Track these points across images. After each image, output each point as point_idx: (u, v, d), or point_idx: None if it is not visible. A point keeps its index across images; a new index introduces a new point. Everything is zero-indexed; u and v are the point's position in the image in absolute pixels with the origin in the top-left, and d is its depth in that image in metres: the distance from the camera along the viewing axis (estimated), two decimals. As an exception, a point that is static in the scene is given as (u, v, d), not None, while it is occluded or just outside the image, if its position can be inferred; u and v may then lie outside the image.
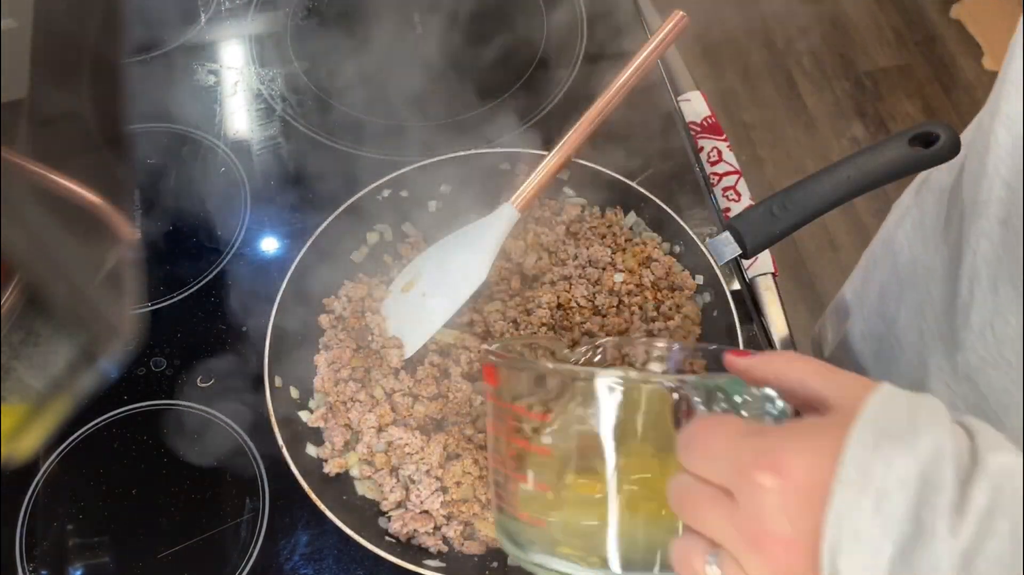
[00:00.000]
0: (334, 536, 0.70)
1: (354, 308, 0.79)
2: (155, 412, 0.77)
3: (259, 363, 0.73)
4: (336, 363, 0.76)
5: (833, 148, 2.09)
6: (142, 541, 0.72)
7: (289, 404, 0.74)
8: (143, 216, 0.87)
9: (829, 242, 1.86)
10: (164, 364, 0.79)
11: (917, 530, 0.34)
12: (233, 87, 0.96)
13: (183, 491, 0.74)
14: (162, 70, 0.97)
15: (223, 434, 0.76)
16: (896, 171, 0.67)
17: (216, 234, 0.86)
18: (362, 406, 0.74)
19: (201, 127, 0.93)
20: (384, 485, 0.71)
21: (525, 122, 0.92)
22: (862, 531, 0.35)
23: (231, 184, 0.89)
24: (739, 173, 0.93)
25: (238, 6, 1.02)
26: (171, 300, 0.82)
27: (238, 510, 0.73)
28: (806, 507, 0.37)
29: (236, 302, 0.81)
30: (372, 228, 0.83)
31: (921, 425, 0.36)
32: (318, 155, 0.91)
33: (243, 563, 0.70)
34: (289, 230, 0.86)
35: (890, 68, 2.20)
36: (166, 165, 0.90)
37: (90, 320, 0.39)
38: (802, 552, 0.37)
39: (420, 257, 0.80)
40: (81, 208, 0.40)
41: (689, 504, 0.41)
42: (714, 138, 0.95)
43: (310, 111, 0.94)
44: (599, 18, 1.01)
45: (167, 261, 0.84)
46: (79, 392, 0.40)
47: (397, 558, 0.66)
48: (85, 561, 0.71)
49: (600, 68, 0.97)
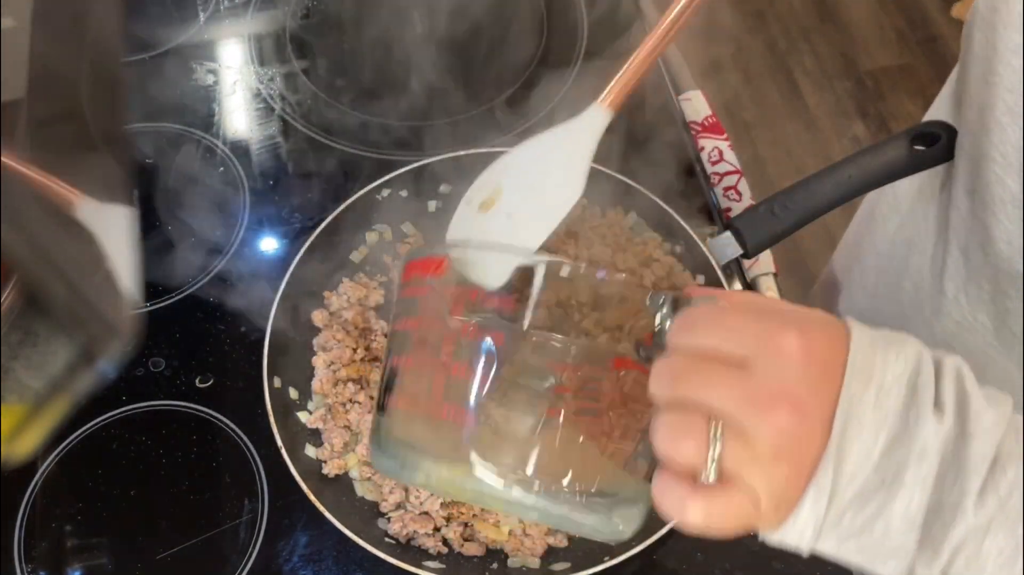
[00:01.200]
0: (333, 537, 0.70)
1: (355, 308, 0.79)
2: (154, 413, 0.77)
3: (258, 364, 0.72)
4: (335, 364, 0.75)
5: (834, 148, 2.08)
6: (141, 542, 0.71)
7: (288, 405, 0.73)
8: (142, 216, 0.87)
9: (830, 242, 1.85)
10: (163, 365, 0.79)
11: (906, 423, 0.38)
12: (232, 86, 0.96)
13: (182, 492, 0.73)
14: (161, 69, 0.97)
15: (222, 435, 0.75)
16: (897, 171, 0.67)
17: (215, 234, 0.86)
18: (361, 407, 0.74)
19: (200, 126, 0.93)
20: (384, 486, 0.71)
21: (525, 122, 0.92)
22: (865, 418, 0.38)
23: (230, 184, 0.89)
24: (740, 173, 0.93)
25: (237, 5, 1.02)
26: (170, 300, 0.82)
27: (237, 511, 0.72)
28: (823, 379, 0.39)
29: (235, 302, 0.81)
30: (371, 228, 0.82)
31: (903, 337, 0.41)
32: (317, 155, 0.90)
33: (242, 564, 0.70)
34: (288, 230, 0.86)
35: (891, 67, 2.20)
36: (165, 165, 0.90)
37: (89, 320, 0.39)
38: (811, 419, 0.38)
39: (495, 168, 0.69)
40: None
41: (692, 375, 0.40)
42: (715, 137, 0.95)
43: (309, 111, 0.94)
44: (599, 18, 1.01)
45: (166, 261, 0.84)
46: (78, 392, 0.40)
47: (397, 559, 0.66)
48: (83, 562, 0.71)
49: (600, 68, 0.96)
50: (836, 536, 0.39)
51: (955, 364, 0.40)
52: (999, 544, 0.38)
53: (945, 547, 0.38)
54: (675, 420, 0.40)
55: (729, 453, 0.39)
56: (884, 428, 0.38)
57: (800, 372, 0.38)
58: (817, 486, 0.38)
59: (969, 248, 0.62)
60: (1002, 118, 0.55)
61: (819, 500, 0.38)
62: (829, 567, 0.69)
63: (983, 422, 0.39)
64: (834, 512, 0.39)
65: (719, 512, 0.39)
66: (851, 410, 0.38)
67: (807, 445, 0.38)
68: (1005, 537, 0.38)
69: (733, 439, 0.39)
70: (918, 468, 0.38)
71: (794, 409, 0.38)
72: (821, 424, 0.38)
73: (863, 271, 0.83)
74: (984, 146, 0.57)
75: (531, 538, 0.70)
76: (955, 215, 0.63)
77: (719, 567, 0.70)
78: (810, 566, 0.69)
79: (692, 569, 0.70)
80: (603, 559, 0.66)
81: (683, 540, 0.70)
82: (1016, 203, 0.55)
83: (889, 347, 0.40)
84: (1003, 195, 0.56)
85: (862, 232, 0.87)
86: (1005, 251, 0.58)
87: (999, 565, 0.38)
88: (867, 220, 0.86)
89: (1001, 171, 0.56)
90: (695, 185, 0.89)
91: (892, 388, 0.39)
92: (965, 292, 0.65)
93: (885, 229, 0.79)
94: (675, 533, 0.67)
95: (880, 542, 0.39)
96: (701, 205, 0.87)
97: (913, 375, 0.39)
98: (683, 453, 0.39)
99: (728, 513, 0.39)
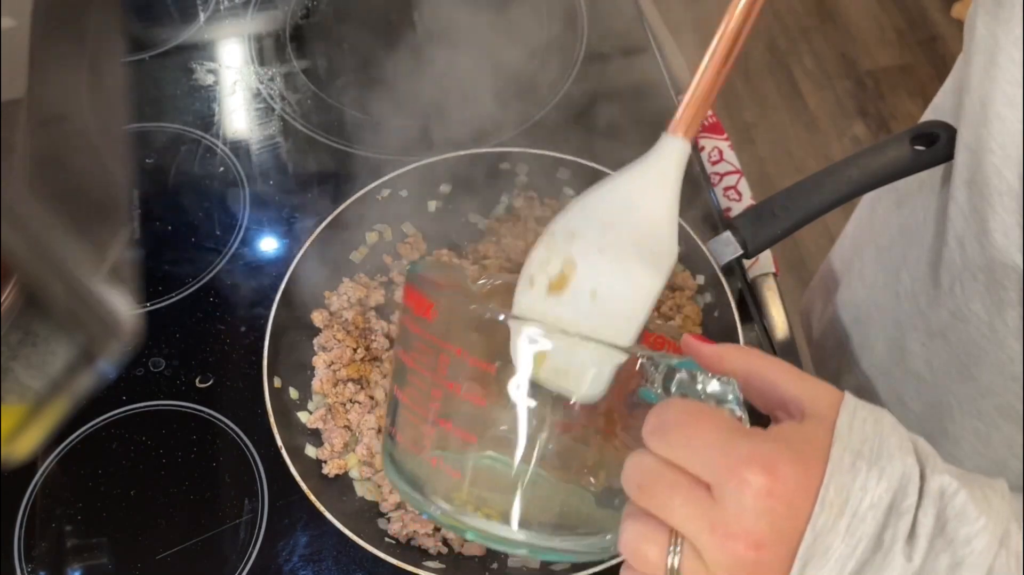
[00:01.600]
0: (333, 537, 0.70)
1: (355, 309, 0.79)
2: (154, 413, 0.77)
3: (258, 364, 0.72)
4: (335, 364, 0.75)
5: (834, 147, 2.08)
6: (141, 542, 0.71)
7: (288, 405, 0.73)
8: (142, 216, 0.87)
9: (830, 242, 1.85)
10: (163, 365, 0.79)
11: (878, 550, 0.37)
12: (232, 86, 0.96)
13: (182, 492, 0.73)
14: (161, 69, 0.97)
15: (222, 435, 0.75)
16: (898, 170, 0.67)
17: (215, 234, 0.86)
18: (361, 407, 0.74)
19: (200, 126, 0.92)
20: (384, 486, 0.71)
21: (525, 122, 0.92)
22: (832, 549, 0.37)
23: (230, 184, 0.89)
24: (740, 173, 0.93)
25: (237, 5, 1.02)
26: (170, 300, 0.82)
27: (237, 511, 0.72)
28: (788, 513, 0.38)
29: (235, 302, 0.81)
30: (372, 228, 0.82)
31: (892, 450, 0.39)
32: (317, 155, 0.90)
33: (242, 564, 0.70)
34: (288, 230, 0.86)
35: (892, 67, 2.20)
36: (165, 165, 0.90)
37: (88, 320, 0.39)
38: (772, 553, 0.38)
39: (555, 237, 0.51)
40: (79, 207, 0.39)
41: (657, 490, 0.40)
42: (715, 137, 0.95)
43: (309, 110, 0.94)
44: (599, 18, 1.01)
45: (166, 261, 0.84)
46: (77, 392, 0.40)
47: (397, 559, 0.66)
48: (83, 562, 0.71)
49: (600, 68, 0.96)
50: None
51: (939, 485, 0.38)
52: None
53: None
54: (639, 527, 0.41)
55: (687, 567, 0.39)
56: (852, 558, 0.37)
57: (763, 508, 0.37)
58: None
59: (965, 239, 0.62)
60: (1002, 110, 0.55)
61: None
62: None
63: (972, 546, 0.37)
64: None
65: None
66: (816, 544, 0.37)
67: (768, 570, 0.38)
68: None
69: (692, 556, 0.39)
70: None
71: (753, 546, 0.38)
72: (780, 560, 0.38)
73: (863, 264, 0.83)
74: (983, 138, 0.57)
75: (531, 538, 0.70)
76: (953, 206, 0.63)
77: (719, 567, 0.70)
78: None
79: (692, 569, 0.70)
80: (603, 559, 0.66)
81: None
82: (1013, 195, 0.55)
83: (873, 467, 0.38)
84: (1000, 187, 0.56)
85: (863, 226, 0.87)
86: (1001, 242, 0.58)
87: None
88: (868, 214, 0.86)
89: (1000, 163, 0.56)
90: (695, 185, 0.89)
91: (867, 515, 0.37)
92: (960, 283, 0.65)
93: (887, 223, 0.79)
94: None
95: None
96: (701, 205, 0.87)
97: (893, 500, 0.38)
98: (645, 558, 0.41)
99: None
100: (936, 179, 0.68)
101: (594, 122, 0.89)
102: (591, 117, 0.90)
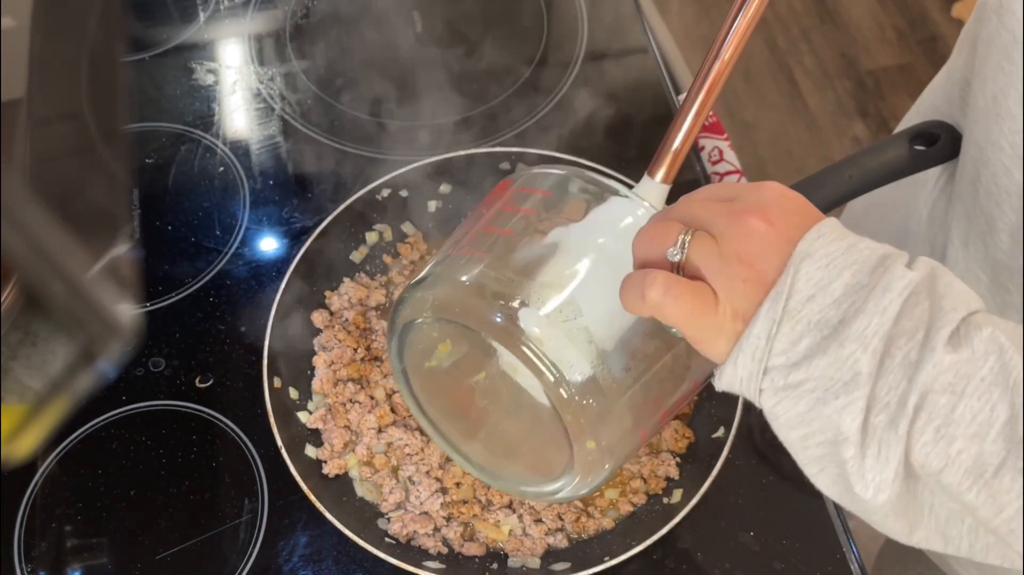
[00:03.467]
0: (333, 537, 0.70)
1: (355, 309, 0.79)
2: (154, 413, 0.77)
3: (258, 363, 0.72)
4: (336, 364, 0.75)
5: (835, 147, 2.08)
6: (140, 542, 0.71)
7: (288, 405, 0.73)
8: (142, 216, 0.87)
9: (829, 242, 1.85)
10: (163, 364, 0.79)
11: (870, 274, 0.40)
12: (232, 86, 0.96)
13: (181, 492, 0.73)
14: (161, 69, 0.97)
15: (222, 435, 0.75)
16: (898, 170, 0.67)
17: (215, 234, 0.86)
18: (361, 407, 0.74)
19: (200, 126, 0.92)
20: (384, 486, 0.71)
21: (525, 122, 0.92)
22: (833, 251, 0.40)
23: (230, 184, 0.89)
24: (740, 173, 0.93)
25: (237, 5, 1.02)
26: (170, 300, 0.82)
27: (237, 511, 0.72)
28: (799, 209, 0.42)
29: (235, 302, 0.81)
30: (372, 228, 0.82)
31: None
32: (317, 154, 0.90)
33: (242, 564, 0.70)
34: (288, 230, 0.86)
35: (892, 67, 2.20)
36: (165, 164, 0.90)
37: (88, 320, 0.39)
38: (780, 233, 0.41)
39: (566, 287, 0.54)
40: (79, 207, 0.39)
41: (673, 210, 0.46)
42: (715, 137, 0.95)
43: (309, 110, 0.94)
44: (599, 18, 1.01)
45: (166, 261, 0.84)
46: (77, 392, 0.40)
47: (397, 559, 0.66)
48: (83, 562, 0.71)
49: (600, 68, 0.96)
50: (786, 358, 0.40)
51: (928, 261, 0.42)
52: (973, 408, 0.36)
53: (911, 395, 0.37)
54: (655, 226, 0.45)
55: (696, 245, 0.42)
56: (849, 268, 0.40)
57: (777, 196, 0.42)
58: (775, 294, 0.40)
59: (969, 238, 0.62)
60: (1015, 107, 0.54)
61: (775, 306, 0.40)
62: (829, 567, 0.69)
63: (954, 288, 0.40)
64: (787, 330, 0.40)
65: (677, 292, 0.42)
66: (817, 242, 0.40)
67: (771, 255, 0.41)
68: (980, 401, 0.37)
69: (703, 237, 0.42)
70: (881, 298, 0.39)
71: (766, 220, 0.41)
72: (788, 243, 0.41)
73: None
74: (994, 134, 0.56)
75: (531, 538, 0.70)
76: (958, 204, 0.63)
77: (719, 567, 0.70)
78: (810, 566, 0.69)
79: (692, 569, 0.70)
80: (603, 559, 0.66)
81: (683, 540, 0.70)
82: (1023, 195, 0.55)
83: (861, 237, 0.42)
84: (1009, 186, 0.55)
85: (860, 224, 0.87)
86: (1006, 243, 0.57)
87: (971, 434, 0.36)
88: (862, 211, 0.86)
89: (1009, 161, 0.55)
90: (695, 185, 0.89)
91: (863, 247, 0.41)
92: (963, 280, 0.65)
93: (886, 220, 0.79)
94: (675, 533, 0.67)
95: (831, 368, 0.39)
96: (701, 205, 0.87)
97: (886, 250, 0.41)
98: (656, 246, 0.44)
99: (685, 295, 0.42)
100: (937, 177, 0.68)
101: (593, 122, 0.89)
102: (590, 117, 0.90)
